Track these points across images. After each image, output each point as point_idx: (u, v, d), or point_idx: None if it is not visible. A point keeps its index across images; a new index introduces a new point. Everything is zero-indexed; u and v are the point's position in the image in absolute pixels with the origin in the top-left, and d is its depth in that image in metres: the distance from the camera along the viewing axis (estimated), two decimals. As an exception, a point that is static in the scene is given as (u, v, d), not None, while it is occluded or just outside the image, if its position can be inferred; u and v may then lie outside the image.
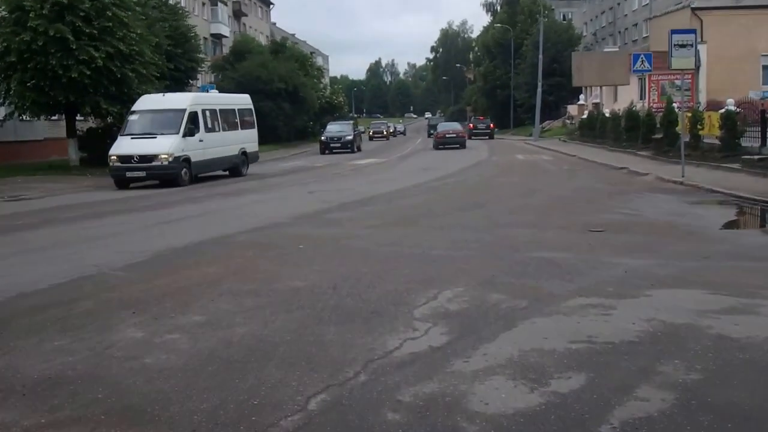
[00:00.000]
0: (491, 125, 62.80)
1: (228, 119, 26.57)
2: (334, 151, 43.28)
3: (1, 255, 10.43)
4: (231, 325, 6.17)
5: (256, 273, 8.43)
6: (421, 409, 4.32)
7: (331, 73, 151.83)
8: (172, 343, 5.75)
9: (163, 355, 5.45)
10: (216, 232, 11.88)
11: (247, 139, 27.74)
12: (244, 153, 27.16)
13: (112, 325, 6.34)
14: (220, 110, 25.97)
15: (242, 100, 29.09)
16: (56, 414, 4.45)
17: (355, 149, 44.27)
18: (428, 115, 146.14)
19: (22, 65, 26.29)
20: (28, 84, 26.65)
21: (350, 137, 44.15)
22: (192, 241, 10.98)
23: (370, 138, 68.14)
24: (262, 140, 51.79)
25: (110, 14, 27.07)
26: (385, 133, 71.73)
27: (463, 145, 45.09)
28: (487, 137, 59.87)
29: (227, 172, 26.38)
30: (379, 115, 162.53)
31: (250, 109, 29.19)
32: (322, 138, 44.70)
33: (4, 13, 27.00)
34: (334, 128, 45.93)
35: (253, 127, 29.05)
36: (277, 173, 27.89)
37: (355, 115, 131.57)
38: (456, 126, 50.66)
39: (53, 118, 32.85)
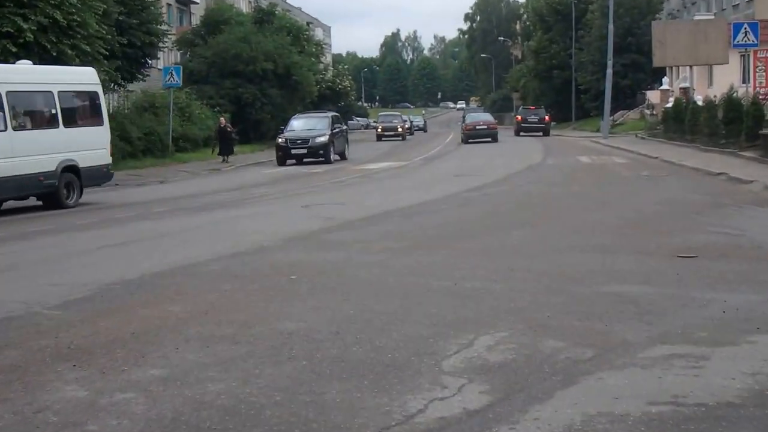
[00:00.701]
0: (546, 117, 62.87)
1: (37, 108, 21.86)
2: (302, 160, 37.91)
3: None
4: (201, 381, 6.18)
5: (235, 313, 8.45)
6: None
7: (335, 50, 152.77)
8: (124, 405, 5.73)
9: (113, 421, 5.44)
10: (181, 259, 11.95)
11: (79, 144, 21.95)
12: (70, 169, 21.54)
13: (46, 381, 6.33)
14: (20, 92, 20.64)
15: (75, 77, 23.63)
16: None
17: (332, 157, 38.22)
18: (461, 104, 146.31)
19: None
20: None
21: (323, 139, 37.81)
22: (150, 271, 11.01)
23: (379, 137, 66.65)
24: (243, 138, 52.43)
25: (43, -26, 27.44)
26: (399, 129, 66.54)
27: (495, 138, 52.90)
28: (540, 133, 60.05)
29: (37, 201, 21.80)
30: (408, 105, 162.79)
31: (94, 93, 23.54)
32: (280, 140, 38.85)
33: None
34: (298, 124, 40.12)
35: (100, 124, 23.45)
36: (262, 182, 28.03)
37: (366, 105, 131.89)
38: (487, 117, 59.90)
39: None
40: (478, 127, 53.92)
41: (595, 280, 9.52)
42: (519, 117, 63.91)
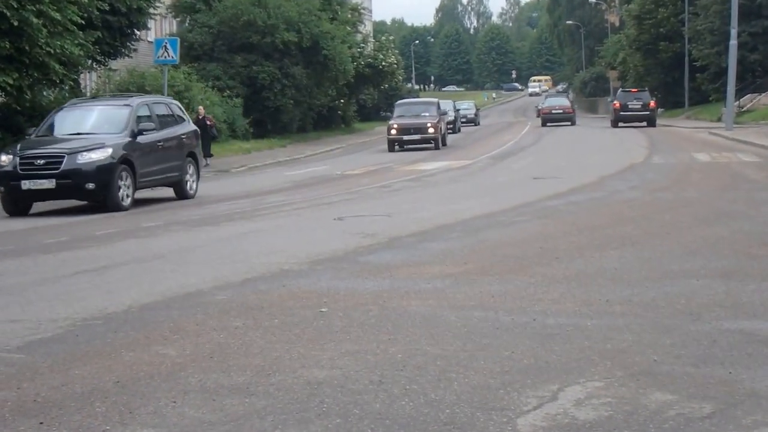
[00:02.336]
0: (651, 103, 62.63)
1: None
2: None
3: None
4: None
5: (248, 356, 8.46)
6: None
7: (377, 17, 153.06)
8: None
9: None
10: (178, 287, 12.04)
11: None
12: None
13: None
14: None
15: None
16: None
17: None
18: (534, 86, 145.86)
19: None
20: None
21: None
22: (138, 302, 11.08)
23: (393, 144, 50.38)
24: (260, 131, 52.62)
25: None
26: (430, 130, 48.74)
27: (573, 122, 71.74)
28: (644, 123, 60.06)
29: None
30: (457, 89, 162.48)
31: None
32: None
33: None
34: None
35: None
36: (283, 187, 28.08)
37: (417, 87, 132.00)
38: (563, 101, 79.01)
39: None
40: (554, 111, 73.35)
41: (716, 315, 9.44)
42: (617, 103, 63.68)
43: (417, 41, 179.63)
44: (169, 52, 39.30)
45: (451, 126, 65.61)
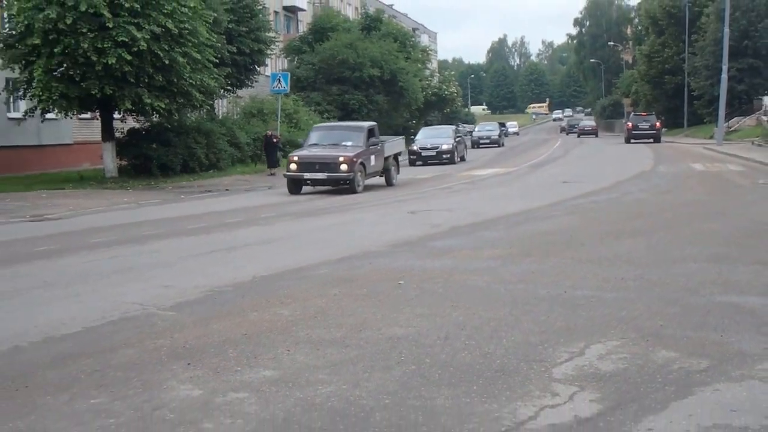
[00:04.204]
0: (657, 124, 62.24)
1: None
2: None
3: (18, 290, 10.88)
4: (312, 383, 6.26)
5: (343, 317, 8.53)
6: (564, 499, 4.31)
7: (441, 56, 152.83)
8: (237, 404, 5.84)
9: (227, 420, 5.55)
10: (290, 263, 12.13)
11: None
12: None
13: (162, 380, 6.49)
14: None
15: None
16: None
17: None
18: (565, 112, 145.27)
19: (47, 49, 27.47)
20: (55, 72, 27.83)
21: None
22: (260, 274, 11.20)
23: (294, 185, 30.05)
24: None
25: (156, -19, 28.08)
26: (342, 167, 26.83)
27: (595, 134, 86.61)
28: (651, 140, 59.49)
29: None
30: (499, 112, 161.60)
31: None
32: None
33: (23, -18, 28.20)
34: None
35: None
36: (367, 187, 28.13)
37: (470, 111, 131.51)
38: (592, 122, 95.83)
39: (85, 116, 34.13)
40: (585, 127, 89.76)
41: (710, 290, 9.36)
42: (630, 124, 63.31)
43: (472, 75, 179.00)
44: (282, 84, 39.59)
45: (496, 142, 63.41)
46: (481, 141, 62.88)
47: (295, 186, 26.72)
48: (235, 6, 38.71)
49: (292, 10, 69.47)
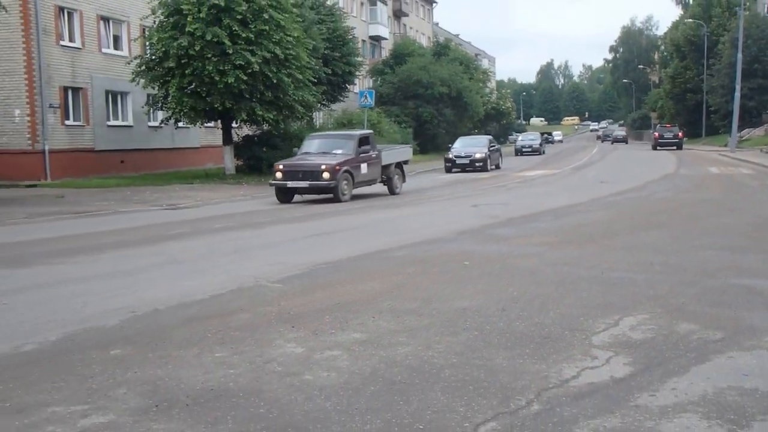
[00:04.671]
0: (680, 134, 61.13)
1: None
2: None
3: (157, 264, 11.12)
4: (393, 344, 6.30)
5: (418, 291, 8.54)
6: (601, 444, 4.28)
7: (498, 77, 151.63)
8: (332, 360, 5.91)
9: (324, 373, 5.62)
10: (373, 246, 12.18)
11: None
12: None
13: (271, 339, 6.60)
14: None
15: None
16: (219, 427, 4.67)
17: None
18: (601, 124, 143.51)
19: (180, 70, 28.05)
20: (186, 89, 28.33)
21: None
22: (348, 255, 11.28)
23: (280, 193, 25.26)
24: (422, 149, 52.73)
25: (267, 17, 28.44)
26: (325, 175, 21.73)
27: (626, 141, 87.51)
28: (674, 147, 58.40)
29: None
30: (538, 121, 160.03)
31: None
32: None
33: (162, 17, 28.83)
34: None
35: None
36: (437, 185, 28.11)
37: (524, 122, 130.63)
38: (623, 132, 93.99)
39: (209, 124, 34.64)
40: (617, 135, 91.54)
41: (725, 274, 9.16)
42: (656, 134, 62.35)
43: (524, 93, 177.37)
44: (368, 99, 39.48)
45: (537, 150, 57.28)
46: (524, 149, 57.15)
47: (282, 195, 22.27)
48: (331, 36, 38.88)
49: (376, 39, 69.50)
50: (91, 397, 5.29)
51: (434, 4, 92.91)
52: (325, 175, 21.15)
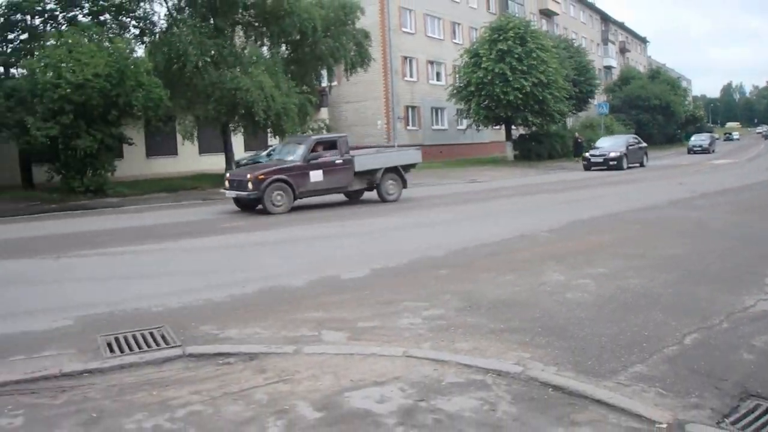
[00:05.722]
0: None
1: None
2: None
3: (467, 218, 11.15)
4: (625, 278, 6.13)
5: (641, 242, 8.15)
6: (773, 354, 4.06)
7: (693, 93, 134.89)
8: (584, 286, 5.83)
9: (578, 294, 5.58)
10: (609, 210, 11.57)
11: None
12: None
13: (542, 270, 6.52)
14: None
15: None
16: (509, 323, 4.77)
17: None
18: (765, 127, 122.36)
19: (477, 93, 28.40)
20: (482, 105, 28.67)
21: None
22: (592, 216, 10.83)
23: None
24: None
25: (535, 56, 27.85)
26: (249, 185, 13.01)
27: None
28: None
29: None
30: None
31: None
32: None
33: (466, 59, 29.37)
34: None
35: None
36: (653, 168, 25.94)
37: (711, 125, 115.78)
38: None
39: (496, 127, 34.54)
40: None
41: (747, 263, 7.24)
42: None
43: (712, 104, 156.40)
44: (603, 109, 37.37)
45: (706, 150, 42.33)
46: (694, 148, 43.28)
47: (239, 205, 13.77)
48: (577, 66, 36.87)
49: (608, 68, 64.90)
50: (429, 299, 5.44)
51: (647, 43, 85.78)
52: (249, 185, 12.99)
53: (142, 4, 20.14)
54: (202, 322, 5.01)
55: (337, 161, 13.82)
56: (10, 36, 19.06)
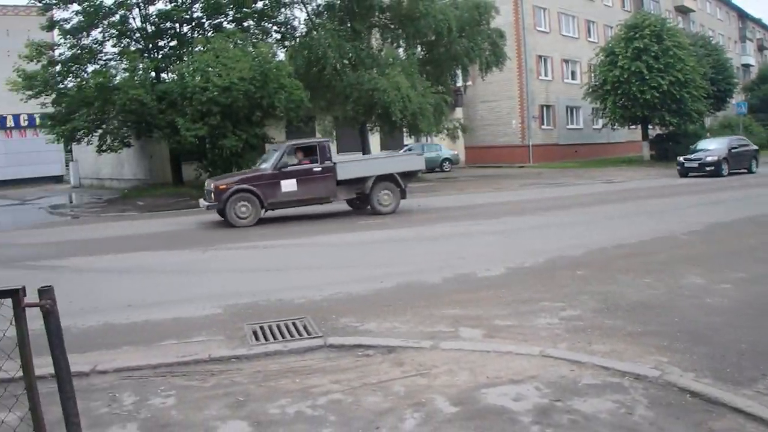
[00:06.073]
0: None
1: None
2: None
3: (601, 219, 10.16)
4: (766, 283, 5.49)
5: (705, 244, 7.28)
6: None
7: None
8: (723, 291, 5.32)
9: (717, 298, 5.11)
10: (748, 213, 10.18)
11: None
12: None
13: (681, 273, 5.98)
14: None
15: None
16: (646, 326, 4.31)
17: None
18: None
19: (613, 92, 26.61)
20: (617, 104, 26.90)
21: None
22: (735, 218, 9.67)
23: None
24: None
25: (671, 53, 25.50)
26: (213, 195, 11.55)
27: None
28: None
29: None
30: None
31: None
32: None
33: (602, 57, 27.67)
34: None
35: None
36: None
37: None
38: None
39: (632, 127, 32.27)
40: None
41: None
42: None
43: None
44: (742, 109, 33.02)
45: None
46: None
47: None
48: (715, 64, 32.77)
49: (746, 66, 57.35)
50: (566, 299, 5.12)
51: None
52: (212, 195, 11.23)
53: (282, 10, 19.29)
54: (342, 314, 4.85)
55: (315, 169, 11.51)
56: (161, 43, 18.72)
